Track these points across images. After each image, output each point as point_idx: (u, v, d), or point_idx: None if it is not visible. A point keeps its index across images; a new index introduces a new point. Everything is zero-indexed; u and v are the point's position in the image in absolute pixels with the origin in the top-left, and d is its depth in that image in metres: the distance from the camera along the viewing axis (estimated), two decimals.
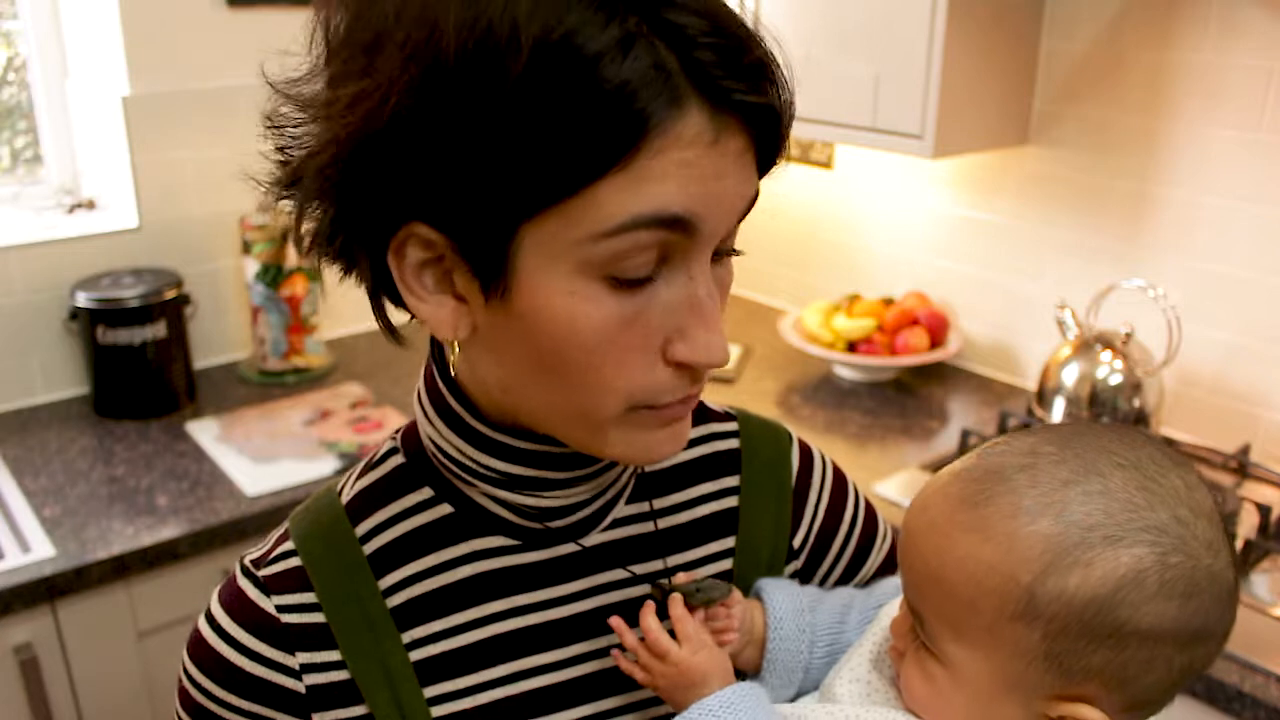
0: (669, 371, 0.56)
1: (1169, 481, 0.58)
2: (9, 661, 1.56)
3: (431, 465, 0.67)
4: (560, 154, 0.49)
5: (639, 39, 0.49)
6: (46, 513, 1.69)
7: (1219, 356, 1.83)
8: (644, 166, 0.50)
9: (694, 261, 0.55)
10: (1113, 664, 0.57)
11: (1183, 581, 0.56)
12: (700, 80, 0.50)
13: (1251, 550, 1.50)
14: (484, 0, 0.49)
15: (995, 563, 0.57)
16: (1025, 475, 0.59)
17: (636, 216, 0.51)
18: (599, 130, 0.49)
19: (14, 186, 2.20)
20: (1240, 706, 1.29)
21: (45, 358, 2.05)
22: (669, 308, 0.55)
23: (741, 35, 0.52)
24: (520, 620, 0.66)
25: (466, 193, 0.51)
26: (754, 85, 0.52)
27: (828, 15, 1.89)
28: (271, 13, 2.11)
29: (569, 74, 0.48)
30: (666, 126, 0.50)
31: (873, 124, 1.87)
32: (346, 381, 2.19)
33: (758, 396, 2.11)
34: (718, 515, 0.73)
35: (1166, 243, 1.86)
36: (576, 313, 0.53)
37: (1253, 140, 1.72)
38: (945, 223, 2.19)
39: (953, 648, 0.60)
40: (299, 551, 0.66)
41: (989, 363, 2.20)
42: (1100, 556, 0.56)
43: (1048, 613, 0.56)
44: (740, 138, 0.53)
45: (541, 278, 0.53)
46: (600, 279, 0.53)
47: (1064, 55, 1.93)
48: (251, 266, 2.13)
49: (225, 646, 0.64)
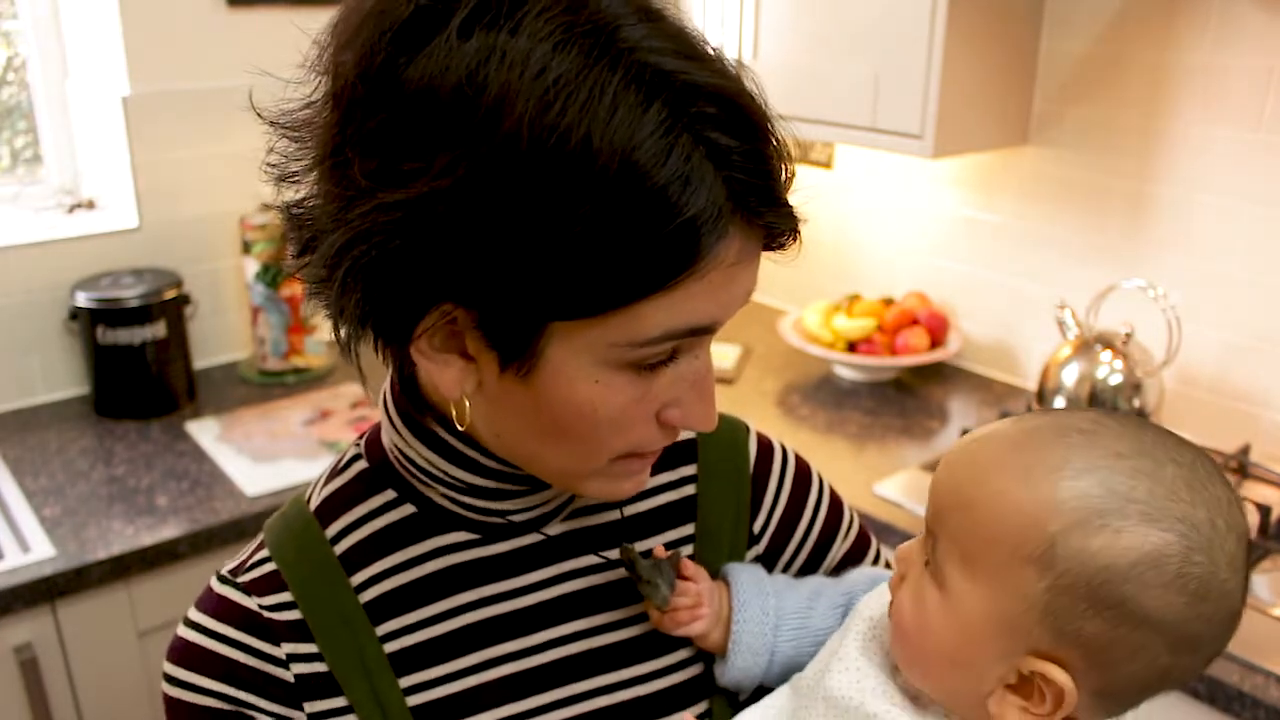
0: (657, 428, 0.60)
1: (1215, 490, 0.59)
2: (9, 661, 1.56)
3: (394, 469, 0.69)
4: (614, 274, 0.51)
5: (696, 168, 0.50)
6: (46, 513, 1.69)
7: (1219, 356, 1.83)
8: (687, 288, 0.53)
9: (701, 346, 0.59)
10: (1102, 637, 0.57)
11: (1196, 582, 0.57)
12: (740, 207, 0.53)
13: (1251, 550, 1.49)
14: (560, 106, 0.49)
15: (1028, 505, 0.58)
16: (1083, 437, 0.60)
17: (671, 331, 0.54)
18: (655, 258, 0.51)
19: (14, 186, 2.20)
20: (1240, 707, 1.29)
21: (45, 358, 2.05)
22: (673, 381, 0.58)
23: (768, 153, 0.54)
24: (488, 610, 0.68)
25: (509, 290, 0.52)
26: (779, 207, 0.55)
27: (828, 15, 1.89)
28: (271, 13, 2.11)
29: (636, 200, 0.49)
30: (712, 255, 0.52)
31: (873, 124, 1.87)
32: (346, 381, 2.19)
33: (758, 396, 2.11)
34: (676, 504, 0.75)
35: (1166, 243, 1.86)
36: (598, 399, 0.56)
37: (1252, 140, 1.72)
38: (945, 223, 2.19)
39: (958, 575, 0.61)
40: (274, 557, 0.68)
41: (989, 363, 2.20)
42: (1131, 528, 0.56)
43: (1061, 565, 0.57)
44: (758, 245, 0.56)
45: (567, 366, 0.55)
46: (624, 369, 0.56)
47: (1064, 55, 1.92)
48: (251, 266, 2.13)
49: (214, 642, 0.65)
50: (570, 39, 0.50)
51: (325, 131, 0.55)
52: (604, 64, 0.50)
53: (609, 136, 0.49)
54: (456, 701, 0.67)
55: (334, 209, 0.54)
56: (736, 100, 0.52)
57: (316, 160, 0.56)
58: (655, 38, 0.52)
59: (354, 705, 0.65)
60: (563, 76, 0.49)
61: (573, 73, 0.49)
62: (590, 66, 0.49)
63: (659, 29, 0.52)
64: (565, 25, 0.50)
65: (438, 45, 0.50)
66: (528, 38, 0.50)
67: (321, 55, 0.56)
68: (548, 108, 0.49)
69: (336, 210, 0.54)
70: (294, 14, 2.11)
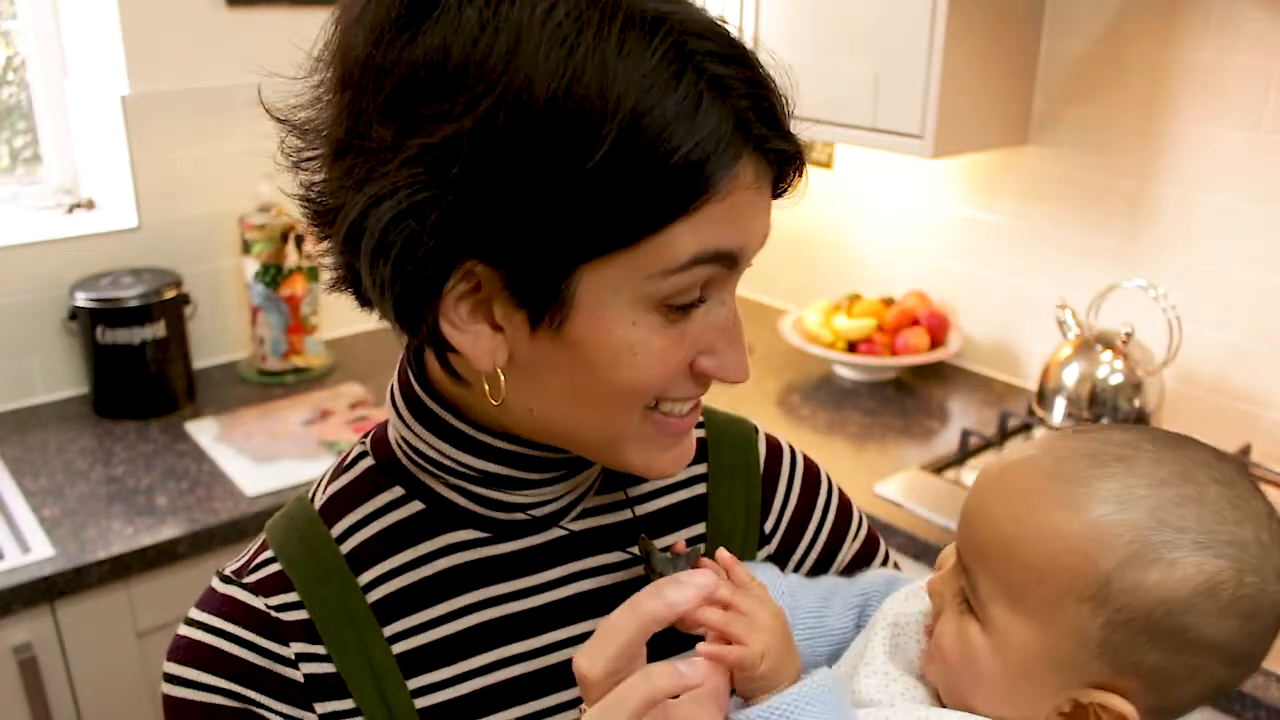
0: (688, 378, 0.60)
1: (1256, 504, 0.59)
2: (9, 661, 1.56)
3: (401, 465, 0.68)
4: (635, 206, 0.52)
5: (703, 95, 0.53)
6: (46, 513, 1.69)
7: (1219, 356, 1.83)
8: (707, 212, 0.54)
9: (728, 288, 0.60)
10: (1163, 666, 0.57)
11: (1249, 601, 0.57)
12: (747, 133, 0.55)
13: None
14: (570, 49, 0.51)
15: (1078, 542, 0.57)
16: (1123, 465, 0.59)
17: (698, 255, 0.55)
18: (672, 186, 0.53)
19: (13, 186, 2.20)
20: (1240, 707, 1.29)
21: (45, 358, 2.05)
22: (704, 327, 0.59)
23: (763, 80, 0.56)
24: (497, 610, 0.67)
25: (533, 236, 0.53)
26: (784, 133, 0.57)
27: (828, 15, 1.89)
28: (271, 12, 2.10)
29: (649, 133, 0.51)
30: (728, 178, 0.54)
31: (873, 124, 1.87)
32: (346, 381, 2.18)
33: (758, 396, 2.11)
34: (687, 503, 0.74)
35: (1166, 243, 1.86)
36: (637, 341, 0.56)
37: (1253, 140, 1.72)
38: (945, 223, 2.19)
39: (1003, 614, 0.60)
40: (278, 557, 0.67)
41: (989, 363, 2.20)
42: (1185, 559, 0.56)
43: (1118, 602, 0.56)
44: (769, 177, 0.58)
45: (601, 310, 0.55)
46: (657, 309, 0.56)
47: (1064, 55, 1.92)
48: (251, 266, 2.13)
49: (223, 641, 0.64)
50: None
51: (338, 113, 0.56)
52: (605, 8, 0.52)
53: (620, 71, 0.51)
54: (465, 703, 0.66)
55: (358, 177, 0.55)
56: (727, 35, 0.56)
57: (331, 144, 0.57)
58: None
59: (361, 708, 0.64)
60: (569, 15, 0.52)
61: (578, 13, 0.52)
62: (593, 6, 0.52)
63: None
64: None
65: (445, 10, 0.53)
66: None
67: (327, 44, 0.57)
68: (560, 44, 0.51)
69: (361, 176, 0.54)
70: (294, 14, 2.11)
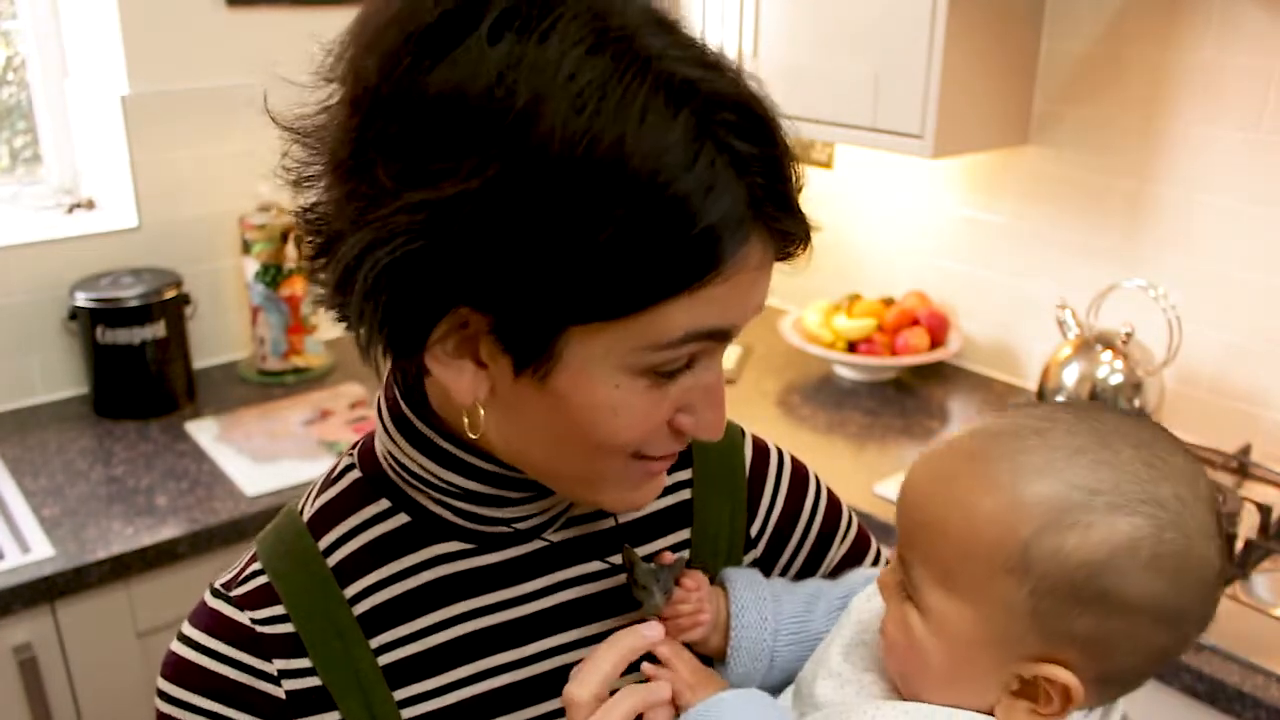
0: (668, 433, 0.60)
1: (1175, 462, 0.59)
2: (8, 661, 1.56)
3: (388, 479, 0.68)
4: (638, 278, 0.51)
5: (719, 174, 0.51)
6: (46, 513, 1.69)
7: (1219, 356, 1.83)
8: (708, 292, 0.53)
9: (716, 353, 0.59)
10: (1096, 632, 0.57)
11: (1173, 559, 0.57)
12: (759, 214, 0.53)
13: (1252, 550, 1.49)
14: (592, 115, 0.49)
15: (996, 514, 0.58)
16: (1038, 438, 0.60)
17: (690, 332, 0.54)
18: (678, 263, 0.51)
19: (13, 186, 2.20)
20: (1241, 707, 1.29)
21: (45, 358, 2.05)
22: (687, 388, 0.59)
23: (781, 157, 0.55)
24: (483, 620, 0.67)
25: (527, 295, 0.52)
26: (796, 214, 0.56)
27: (828, 15, 1.89)
28: (271, 12, 2.10)
29: (663, 205, 0.50)
30: (736, 258, 0.53)
31: (873, 124, 1.87)
32: (346, 381, 2.18)
33: (758, 396, 2.11)
34: (672, 508, 0.74)
35: (1166, 243, 1.86)
36: (619, 403, 0.56)
37: (1253, 140, 1.72)
38: (945, 223, 2.19)
39: (937, 597, 0.60)
40: (266, 570, 0.67)
41: (989, 363, 2.20)
42: (1100, 521, 0.56)
43: (1040, 569, 0.57)
44: (773, 254, 0.57)
45: (587, 370, 0.55)
46: (643, 374, 0.56)
47: (1064, 55, 1.92)
48: (251, 266, 2.13)
49: (206, 659, 0.65)
50: (601, 45, 0.50)
51: (344, 135, 0.54)
52: (633, 70, 0.50)
53: (639, 143, 0.49)
54: (452, 713, 0.66)
55: (354, 211, 0.53)
56: (753, 108, 0.53)
57: (334, 164, 0.55)
58: (675, 47, 0.52)
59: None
60: (594, 81, 0.49)
61: (603, 79, 0.50)
62: (620, 73, 0.50)
63: (676, 39, 0.53)
64: (595, 31, 0.50)
65: (466, 50, 0.50)
66: (558, 43, 0.50)
67: (339, 60, 0.55)
68: (580, 111, 0.49)
69: (357, 213, 0.53)
70: (294, 14, 2.11)
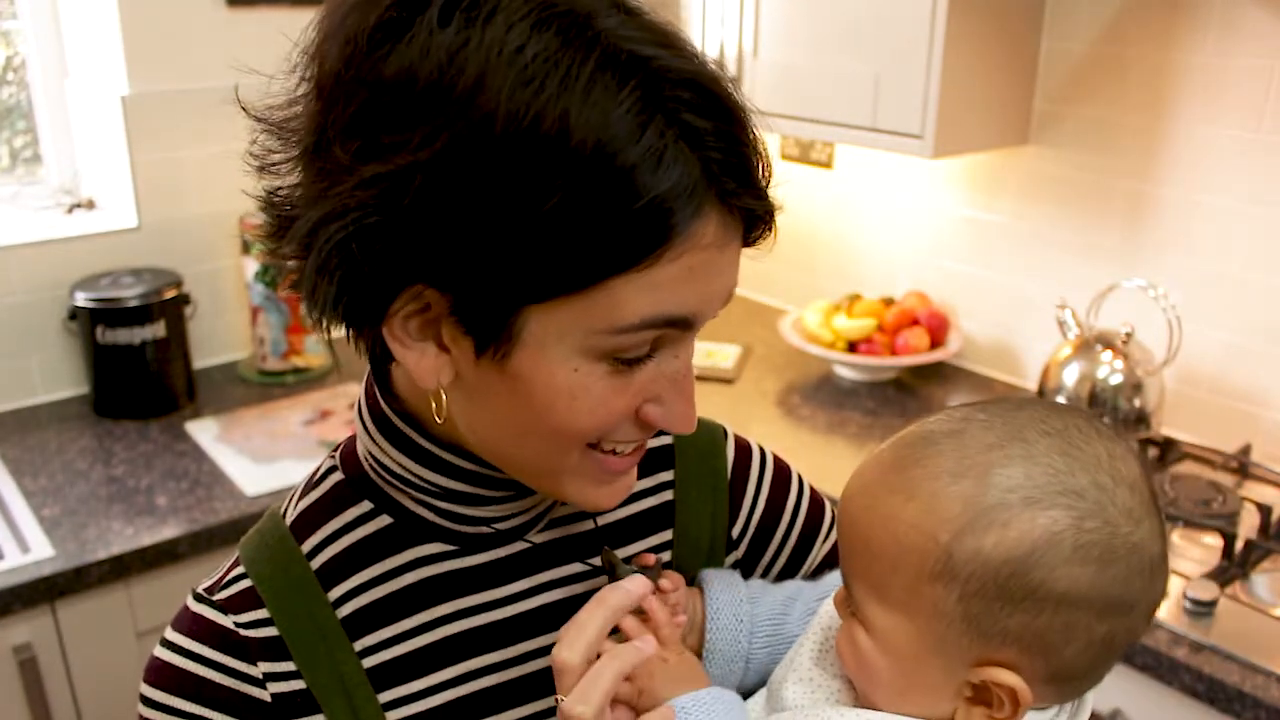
0: (634, 424, 0.60)
1: (1093, 449, 0.59)
2: (8, 661, 1.56)
3: (369, 480, 0.68)
4: (587, 252, 0.51)
5: (669, 146, 0.51)
6: (46, 513, 1.69)
7: (1219, 356, 1.83)
8: (662, 270, 0.52)
9: (682, 344, 0.58)
10: (1030, 628, 0.57)
11: (1098, 547, 0.56)
12: (715, 187, 0.53)
13: (1252, 550, 1.49)
14: (536, 90, 0.50)
15: (916, 521, 0.58)
16: (952, 440, 0.59)
17: (648, 319, 0.54)
18: (628, 235, 0.51)
19: (13, 186, 2.20)
20: (1240, 707, 1.29)
21: (45, 358, 2.05)
22: (653, 378, 0.58)
23: (742, 135, 0.54)
24: (466, 622, 0.67)
25: (481, 271, 0.52)
26: (757, 191, 0.55)
27: (828, 15, 1.89)
28: (271, 12, 2.11)
29: (608, 177, 0.50)
30: (686, 234, 0.52)
31: (873, 124, 1.87)
32: (346, 381, 2.18)
33: (758, 396, 2.11)
34: (654, 510, 0.74)
35: (1166, 243, 1.86)
36: (577, 386, 0.56)
37: (1253, 140, 1.72)
38: (945, 223, 2.19)
39: (876, 612, 0.60)
40: (249, 574, 0.67)
41: (989, 363, 2.20)
42: (1017, 517, 0.56)
43: (964, 572, 0.56)
44: (738, 236, 0.56)
45: (545, 352, 0.55)
46: (603, 359, 0.55)
47: (1064, 55, 1.92)
48: (251, 266, 2.13)
49: (190, 663, 0.65)
50: (547, 20, 0.51)
51: (309, 121, 0.56)
52: (579, 45, 0.50)
53: (584, 115, 0.50)
54: (437, 716, 0.66)
55: (315, 191, 0.54)
56: (711, 86, 0.53)
57: (301, 149, 0.56)
58: (630, 27, 0.53)
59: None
60: (539, 55, 0.50)
61: (549, 53, 0.50)
62: (566, 47, 0.50)
63: (635, 20, 0.53)
64: (544, 8, 0.51)
65: (418, 31, 0.51)
66: (504, 18, 0.51)
67: (307, 49, 0.56)
68: (525, 85, 0.49)
69: (317, 193, 0.54)
70: (294, 14, 2.11)
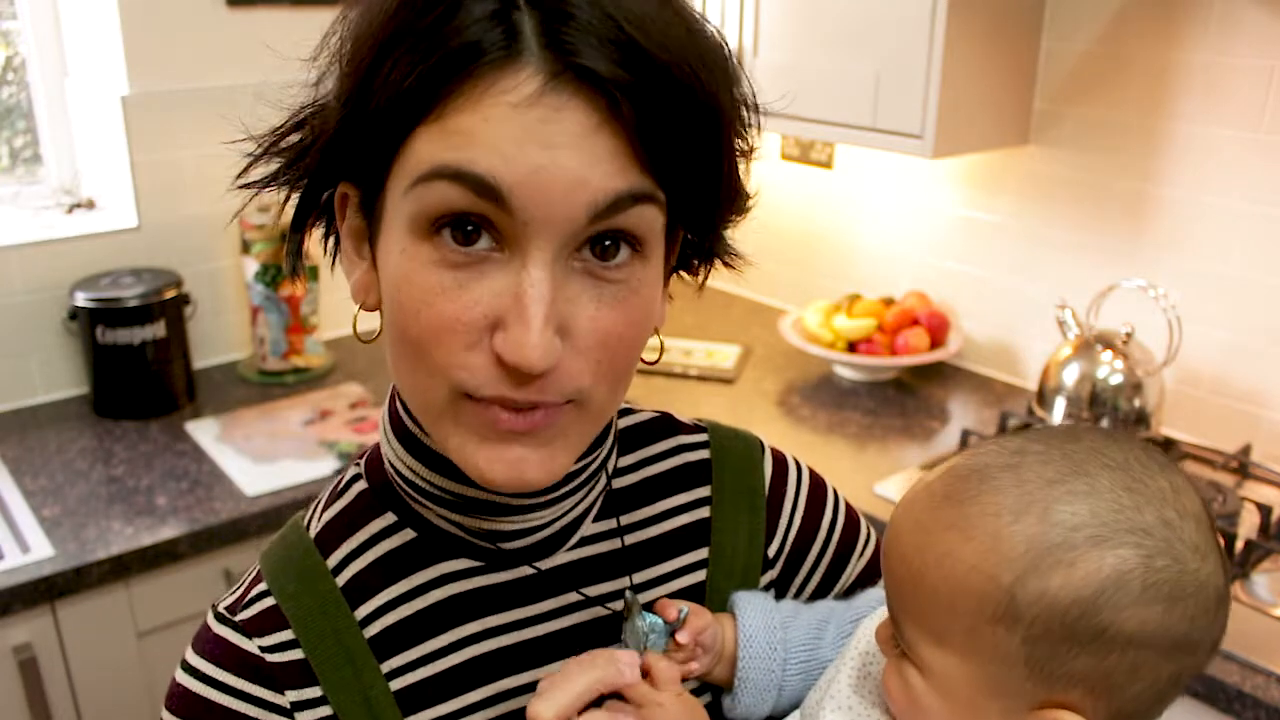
0: (489, 361, 0.52)
1: (1156, 483, 0.56)
2: (8, 661, 1.56)
3: (394, 490, 0.66)
4: (392, 90, 0.50)
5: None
6: (46, 513, 1.69)
7: (1219, 356, 1.83)
8: (457, 118, 0.48)
9: (530, 250, 0.50)
10: (1096, 670, 0.55)
11: (1168, 585, 0.54)
12: (545, 37, 0.47)
13: (1252, 550, 1.49)
14: None
15: (976, 562, 0.55)
16: (1010, 474, 0.57)
17: (437, 166, 0.49)
18: (423, 77, 0.48)
19: (13, 186, 2.20)
20: (1241, 707, 1.29)
21: (45, 358, 2.05)
22: (496, 293, 0.51)
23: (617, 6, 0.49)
24: (495, 641, 0.65)
25: (347, 139, 0.54)
26: (605, 52, 0.47)
27: (828, 15, 1.89)
28: (271, 12, 2.10)
29: (415, 9, 0.49)
30: (489, 77, 0.48)
31: (873, 124, 1.87)
32: (346, 381, 2.18)
33: (758, 396, 2.11)
34: (689, 527, 0.71)
35: (1166, 243, 1.86)
36: (404, 271, 0.52)
37: (1253, 140, 1.72)
38: (946, 223, 2.19)
39: (931, 653, 0.58)
40: (272, 591, 0.64)
41: (989, 363, 2.20)
42: (1084, 557, 0.54)
43: (1029, 615, 0.54)
44: (585, 110, 0.48)
45: (386, 235, 0.54)
46: (427, 239, 0.51)
47: (1064, 55, 1.92)
48: (251, 266, 2.13)
49: (214, 691, 0.62)
50: None
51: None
52: None
53: None
54: None
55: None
56: None
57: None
58: None
59: None
60: None
61: None
62: None
63: None
64: None
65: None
66: None
67: (328, 38, 0.57)
68: None
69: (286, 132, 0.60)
70: (294, 14, 2.11)
